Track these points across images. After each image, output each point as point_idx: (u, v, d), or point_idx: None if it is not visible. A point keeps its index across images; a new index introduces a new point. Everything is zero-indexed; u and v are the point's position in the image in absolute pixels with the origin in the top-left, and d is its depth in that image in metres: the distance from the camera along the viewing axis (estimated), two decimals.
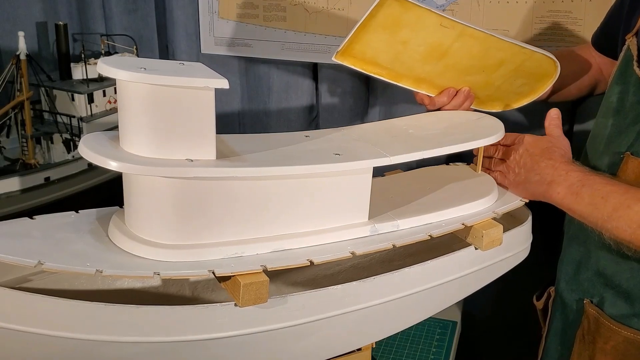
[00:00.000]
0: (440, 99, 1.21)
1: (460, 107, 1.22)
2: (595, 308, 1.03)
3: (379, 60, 1.16)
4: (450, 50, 1.12)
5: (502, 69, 1.16)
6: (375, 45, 1.12)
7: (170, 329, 0.85)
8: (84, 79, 1.62)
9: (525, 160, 1.07)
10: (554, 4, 1.39)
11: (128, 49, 1.72)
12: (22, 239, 0.87)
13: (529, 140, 1.09)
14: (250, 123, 1.78)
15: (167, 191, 0.86)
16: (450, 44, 1.11)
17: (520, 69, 1.16)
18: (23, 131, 1.54)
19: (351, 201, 0.98)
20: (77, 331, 0.82)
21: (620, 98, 1.01)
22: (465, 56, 1.14)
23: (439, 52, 1.13)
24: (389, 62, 1.17)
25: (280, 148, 0.97)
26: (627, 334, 0.99)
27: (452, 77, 1.19)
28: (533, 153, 1.06)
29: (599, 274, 1.03)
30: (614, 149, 0.99)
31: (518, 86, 1.21)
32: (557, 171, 1.01)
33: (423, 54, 1.14)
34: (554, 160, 1.03)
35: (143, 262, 0.86)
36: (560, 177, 1.00)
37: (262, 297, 0.86)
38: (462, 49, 1.12)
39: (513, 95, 1.24)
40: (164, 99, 0.83)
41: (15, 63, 1.49)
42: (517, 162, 1.09)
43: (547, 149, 1.05)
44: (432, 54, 1.13)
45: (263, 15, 1.62)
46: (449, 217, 1.06)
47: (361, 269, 1.20)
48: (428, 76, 1.19)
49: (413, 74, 1.19)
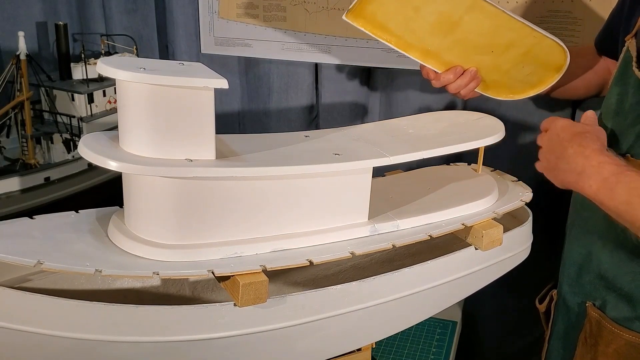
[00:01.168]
0: (447, 75, 1.19)
1: (465, 88, 1.20)
2: (598, 311, 1.03)
3: (389, 25, 1.15)
4: (460, 23, 1.11)
5: (511, 52, 1.15)
6: (387, 7, 1.11)
7: (170, 329, 0.85)
8: (84, 79, 1.63)
9: (555, 146, 0.98)
10: (554, 4, 1.39)
11: (128, 49, 1.72)
12: (22, 238, 0.87)
13: (561, 124, 0.99)
14: (250, 123, 1.78)
15: (167, 191, 0.86)
16: (461, 15, 1.09)
17: (529, 54, 1.15)
18: (23, 131, 1.54)
19: (351, 201, 0.98)
20: (77, 331, 0.82)
21: (619, 99, 1.01)
22: (475, 31, 1.12)
23: (449, 24, 1.11)
24: (399, 29, 1.15)
25: (279, 148, 0.97)
26: (629, 337, 0.98)
27: (460, 53, 1.18)
28: (563, 138, 0.97)
29: (600, 277, 1.03)
30: (614, 150, 0.99)
31: (526, 74, 1.19)
32: (589, 161, 0.92)
33: (433, 23, 1.12)
34: (584, 147, 0.93)
35: (143, 262, 0.86)
36: (592, 169, 0.91)
37: (261, 297, 0.86)
38: (472, 22, 1.10)
39: (519, 84, 1.22)
40: (163, 99, 0.83)
41: (15, 63, 1.49)
42: (548, 147, 1.00)
43: (578, 134, 0.96)
44: (442, 25, 1.12)
45: (263, 15, 1.62)
46: (449, 217, 1.06)
47: (361, 269, 1.20)
48: (436, 50, 1.18)
49: (421, 45, 1.18)
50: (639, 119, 0.96)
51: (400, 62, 1.53)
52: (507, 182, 1.23)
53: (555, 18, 1.39)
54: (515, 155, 1.58)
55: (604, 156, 0.92)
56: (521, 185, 1.22)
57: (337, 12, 1.55)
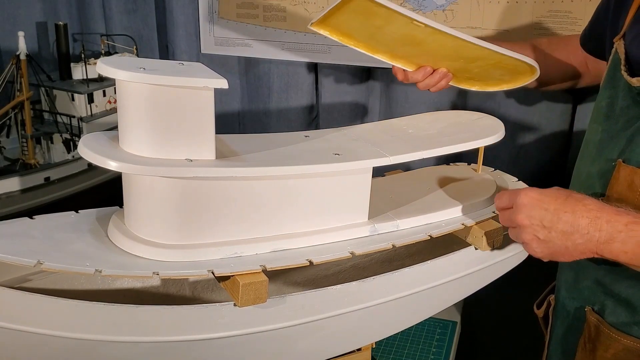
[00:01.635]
0: (415, 75, 1.18)
1: (435, 86, 1.19)
2: (596, 316, 1.02)
3: (355, 35, 1.15)
4: (425, 41, 1.10)
5: (480, 62, 1.15)
6: (350, 24, 1.11)
7: (170, 329, 0.85)
8: (84, 79, 1.63)
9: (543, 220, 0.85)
10: (554, 4, 1.39)
11: (128, 49, 1.72)
12: (22, 238, 0.87)
13: (531, 198, 0.87)
14: (250, 123, 1.78)
15: (167, 191, 0.86)
16: (424, 37, 1.09)
17: (499, 65, 1.14)
18: (23, 131, 1.54)
19: (351, 201, 0.98)
20: (76, 331, 0.82)
21: (610, 103, 0.99)
22: (441, 49, 1.12)
23: (413, 42, 1.11)
24: (365, 39, 1.16)
25: (279, 148, 0.97)
26: (627, 342, 0.98)
27: (429, 59, 1.17)
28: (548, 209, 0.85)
29: (598, 282, 1.02)
30: (606, 155, 0.97)
31: (498, 75, 1.20)
32: (612, 225, 0.82)
33: (397, 40, 1.12)
34: (596, 211, 0.84)
35: (142, 262, 0.86)
36: (620, 234, 0.82)
37: (261, 297, 0.86)
38: (435, 42, 1.09)
39: (493, 81, 1.22)
40: (163, 99, 0.83)
41: (15, 63, 1.49)
42: (530, 224, 0.87)
43: (567, 199, 0.85)
44: (406, 41, 1.12)
45: (263, 15, 1.62)
46: (449, 217, 1.06)
47: (361, 269, 1.20)
48: (405, 55, 1.18)
49: (389, 50, 1.18)
50: (630, 123, 0.94)
51: None
52: (507, 182, 1.23)
53: (555, 18, 1.39)
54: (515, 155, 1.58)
55: (619, 211, 0.83)
56: (522, 186, 1.22)
57: None
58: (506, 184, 1.22)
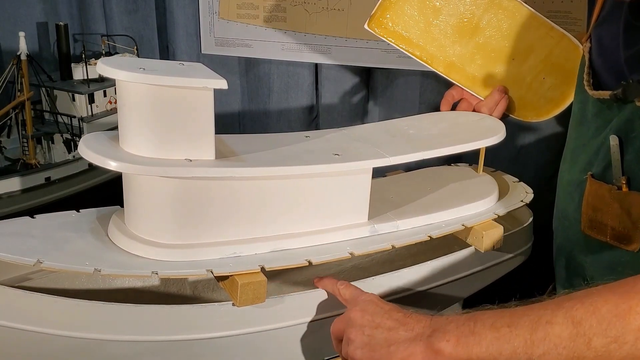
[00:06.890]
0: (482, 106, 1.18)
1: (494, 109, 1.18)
2: None
3: (410, 33, 1.17)
4: (480, 25, 1.13)
5: (531, 59, 1.16)
6: (407, 13, 1.12)
7: (169, 328, 0.85)
8: (85, 79, 1.63)
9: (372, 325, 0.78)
10: (554, 4, 1.39)
11: (128, 49, 1.72)
12: (23, 238, 0.87)
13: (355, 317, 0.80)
14: (250, 123, 1.78)
15: (166, 191, 0.86)
16: (480, 15, 1.11)
17: (548, 61, 1.16)
18: (24, 131, 1.54)
19: (351, 201, 0.98)
20: (76, 330, 0.82)
21: (581, 108, 0.97)
22: (495, 35, 1.14)
23: (469, 28, 1.13)
24: (420, 36, 1.17)
25: (279, 148, 0.97)
26: None
27: (483, 63, 1.19)
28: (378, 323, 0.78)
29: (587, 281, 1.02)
30: (579, 164, 0.96)
31: (547, 88, 1.20)
32: (435, 320, 0.74)
33: (454, 26, 1.14)
34: (417, 314, 0.77)
35: (142, 262, 0.86)
36: (441, 324, 0.73)
37: (260, 297, 0.86)
38: (491, 24, 1.12)
39: (543, 101, 1.22)
40: (163, 99, 0.83)
41: (16, 63, 1.49)
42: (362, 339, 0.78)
43: (389, 311, 0.79)
44: (462, 29, 1.13)
45: (263, 16, 1.62)
46: (449, 218, 1.06)
47: (361, 270, 1.19)
48: (459, 60, 1.20)
49: (444, 55, 1.20)
50: (599, 131, 0.92)
51: (400, 62, 1.53)
52: (508, 182, 1.23)
53: (555, 18, 1.39)
54: (516, 155, 1.58)
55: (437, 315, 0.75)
56: (522, 186, 1.22)
57: (337, 12, 1.55)
58: (507, 185, 1.22)
